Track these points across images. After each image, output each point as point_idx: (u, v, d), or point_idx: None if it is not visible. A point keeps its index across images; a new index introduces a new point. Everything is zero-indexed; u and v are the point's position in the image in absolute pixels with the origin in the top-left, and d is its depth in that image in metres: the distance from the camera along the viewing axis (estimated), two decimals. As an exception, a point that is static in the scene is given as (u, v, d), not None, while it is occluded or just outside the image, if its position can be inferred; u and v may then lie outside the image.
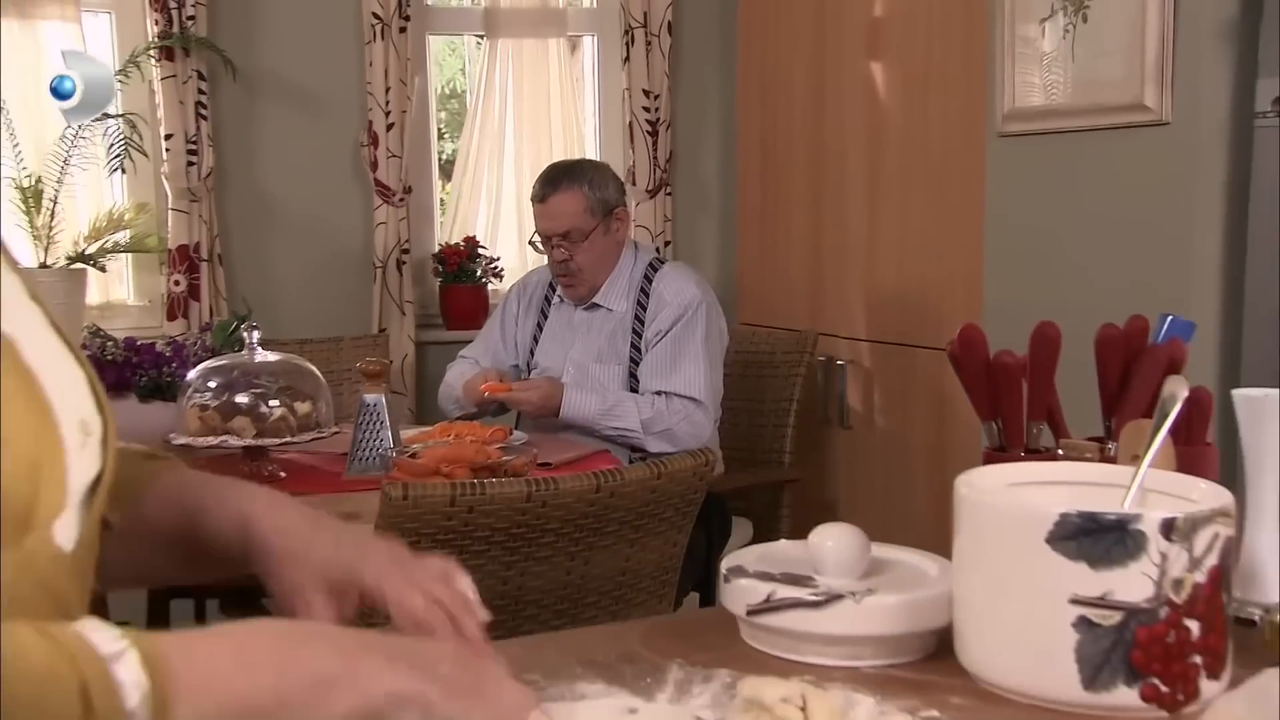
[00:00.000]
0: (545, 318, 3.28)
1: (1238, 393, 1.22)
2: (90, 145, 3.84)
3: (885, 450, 3.66)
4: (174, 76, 3.81)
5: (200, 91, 3.87)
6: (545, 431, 3.02)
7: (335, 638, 0.88)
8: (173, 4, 3.78)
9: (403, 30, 4.02)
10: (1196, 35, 2.71)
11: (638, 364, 3.10)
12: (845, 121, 3.76)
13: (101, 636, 0.76)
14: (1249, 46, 2.67)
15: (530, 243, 3.31)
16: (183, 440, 2.56)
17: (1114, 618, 0.98)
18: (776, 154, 4.11)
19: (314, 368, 2.70)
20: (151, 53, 3.81)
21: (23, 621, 0.75)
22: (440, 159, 4.56)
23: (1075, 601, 0.99)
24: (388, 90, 4.01)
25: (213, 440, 2.53)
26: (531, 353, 3.26)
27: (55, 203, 3.81)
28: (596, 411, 2.99)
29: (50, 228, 3.80)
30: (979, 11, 3.21)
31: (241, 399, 2.57)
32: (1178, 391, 1.14)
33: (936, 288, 3.46)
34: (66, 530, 0.89)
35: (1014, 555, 1.02)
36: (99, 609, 0.89)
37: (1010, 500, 1.09)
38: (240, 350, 2.69)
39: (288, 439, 2.57)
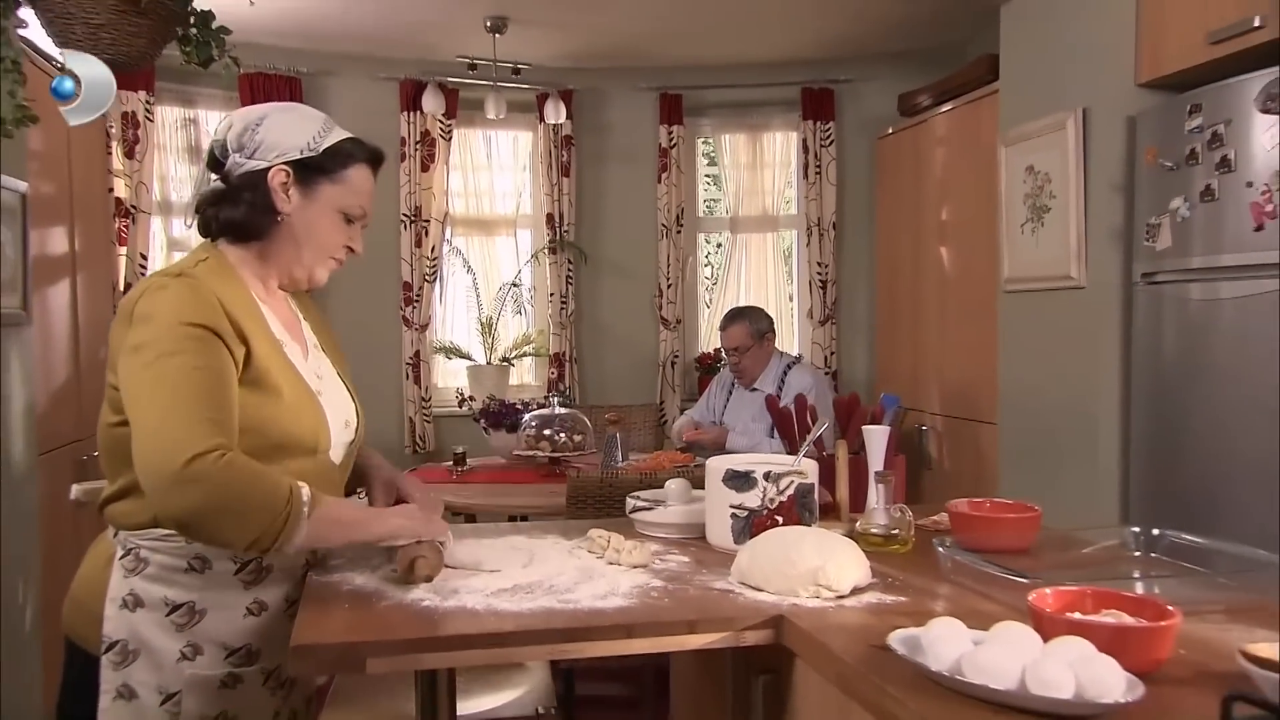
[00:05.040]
0: (731, 395, 3.74)
1: (867, 429, 1.75)
2: (512, 300, 4.81)
3: (954, 480, 3.89)
4: (555, 263, 4.62)
5: (569, 270, 4.64)
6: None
7: (380, 511, 1.40)
8: (557, 224, 4.60)
9: (679, 231, 4.65)
10: (1099, 235, 3.00)
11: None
12: (929, 282, 4.10)
13: (299, 485, 1.23)
14: (1128, 242, 2.93)
15: (716, 350, 3.88)
16: (517, 452, 3.26)
17: (744, 514, 1.56)
18: (895, 300, 4.44)
19: (585, 417, 3.32)
20: (545, 250, 4.65)
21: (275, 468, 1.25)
22: (705, 300, 5.04)
23: (731, 506, 1.57)
24: (669, 266, 4.64)
25: (529, 453, 3.23)
26: (722, 413, 3.75)
27: (495, 329, 4.75)
28: (746, 447, 3.44)
29: (493, 343, 4.71)
30: (992, 219, 3.54)
31: (546, 431, 3.23)
32: (822, 423, 1.69)
33: (973, 381, 3.72)
34: (336, 454, 1.42)
35: (714, 488, 1.61)
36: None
37: (715, 466, 1.60)
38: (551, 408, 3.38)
39: (566, 454, 3.22)
